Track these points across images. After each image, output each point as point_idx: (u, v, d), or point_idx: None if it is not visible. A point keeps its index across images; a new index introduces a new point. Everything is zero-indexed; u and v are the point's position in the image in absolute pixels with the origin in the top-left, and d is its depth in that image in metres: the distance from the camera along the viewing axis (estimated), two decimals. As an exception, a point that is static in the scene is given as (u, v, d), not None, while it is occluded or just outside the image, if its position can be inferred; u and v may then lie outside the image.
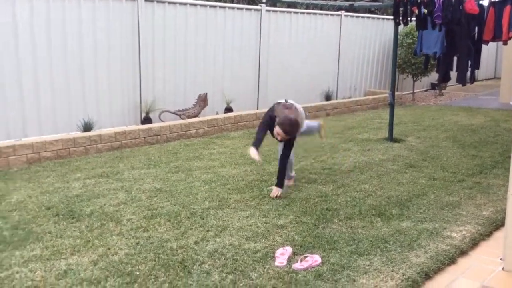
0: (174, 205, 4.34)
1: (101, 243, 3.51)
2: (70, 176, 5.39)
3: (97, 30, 7.65)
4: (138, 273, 3.04)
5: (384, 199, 4.55)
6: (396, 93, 7.87)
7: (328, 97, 11.18)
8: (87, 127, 7.56)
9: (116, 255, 3.31)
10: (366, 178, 5.22)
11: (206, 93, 8.75)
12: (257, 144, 4.56)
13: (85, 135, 6.78)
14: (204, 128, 7.97)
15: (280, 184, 4.62)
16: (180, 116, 8.41)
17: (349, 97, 11.61)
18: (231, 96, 9.35)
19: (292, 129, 4.44)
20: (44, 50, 7.14)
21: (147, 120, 8.27)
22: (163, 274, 3.03)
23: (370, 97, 11.39)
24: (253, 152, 4.49)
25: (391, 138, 7.27)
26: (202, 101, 8.65)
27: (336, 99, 11.24)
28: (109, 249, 3.40)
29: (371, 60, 12.55)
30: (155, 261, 3.21)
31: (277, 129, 4.44)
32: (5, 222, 3.93)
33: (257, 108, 9.67)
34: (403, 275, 3.06)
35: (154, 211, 4.17)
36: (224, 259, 3.26)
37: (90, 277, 2.98)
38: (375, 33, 12.46)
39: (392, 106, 7.40)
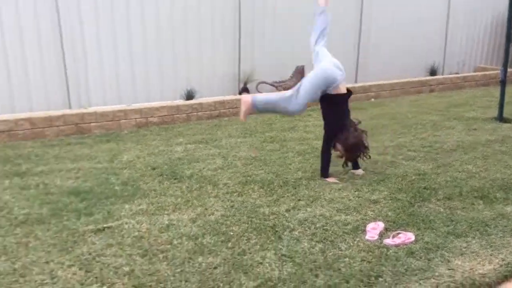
0: (268, 173, 4.46)
1: (200, 203, 3.74)
2: (173, 140, 5.74)
3: (201, 3, 7.92)
4: (232, 233, 3.21)
5: (488, 181, 4.28)
6: (509, 69, 7.25)
7: (433, 72, 10.59)
8: (189, 96, 7.93)
9: (212, 215, 3.51)
10: (469, 159, 4.93)
11: (303, 66, 8.71)
12: (326, 172, 4.33)
13: (187, 103, 7.14)
14: (300, 101, 7.99)
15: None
16: (276, 87, 8.50)
17: (456, 73, 10.90)
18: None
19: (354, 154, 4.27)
20: (152, 26, 7.57)
21: (244, 90, 8.47)
22: (255, 237, 3.16)
23: (480, 73, 10.61)
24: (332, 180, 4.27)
25: (500, 118, 6.74)
26: (299, 73, 8.64)
27: (442, 75, 10.62)
28: (206, 209, 3.62)
29: (482, 34, 11.62)
30: (248, 224, 3.36)
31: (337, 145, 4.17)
32: (117, 178, 4.32)
33: (355, 82, 9.47)
34: (502, 260, 2.90)
35: (248, 177, 4.32)
36: (314, 228, 3.31)
37: (189, 233, 3.21)
38: (487, 4, 11.47)
39: (503, 83, 6.83)
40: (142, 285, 2.58)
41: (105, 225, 3.30)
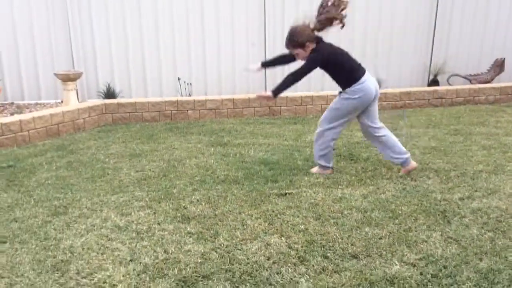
0: (446, 163, 4.44)
1: (372, 182, 3.99)
2: (354, 126, 5.97)
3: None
4: (400, 212, 3.40)
5: None
6: None
7: None
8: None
9: (383, 194, 3.73)
10: None
11: (504, 58, 8.08)
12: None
13: (372, 92, 7.32)
14: (495, 96, 7.47)
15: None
16: (470, 81, 8.08)
17: None
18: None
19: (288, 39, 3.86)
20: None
21: (434, 82, 8.26)
22: (423, 218, 3.30)
23: None
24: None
25: None
26: (498, 66, 8.04)
27: None
28: (378, 188, 3.85)
29: None
30: (417, 206, 3.49)
31: None
32: (300, 154, 4.82)
33: None
34: None
35: (425, 165, 4.39)
36: (487, 218, 3.28)
37: (359, 206, 3.50)
38: None
39: None
40: (313, 241, 2.98)
41: (287, 191, 3.80)
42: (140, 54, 7.70)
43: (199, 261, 2.76)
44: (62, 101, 7.20)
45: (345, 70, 3.93)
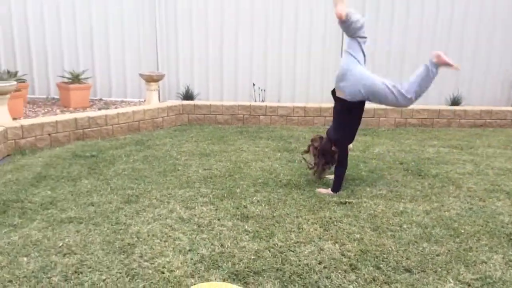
0: (522, 186, 4.22)
1: (437, 199, 3.89)
2: (427, 142, 5.88)
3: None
4: (462, 231, 3.29)
5: None
6: None
7: None
8: (455, 102, 7.80)
9: (447, 212, 3.63)
10: None
11: None
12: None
13: (450, 109, 7.08)
14: None
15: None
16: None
17: None
18: None
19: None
20: (420, 25, 7.72)
21: (520, 102, 7.80)
22: (486, 239, 3.18)
23: None
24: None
25: None
26: None
27: None
28: (442, 205, 3.75)
29: None
30: (482, 226, 3.37)
31: None
32: (365, 166, 4.80)
33: None
34: None
35: (496, 186, 4.20)
36: (559, 246, 3.09)
37: (420, 221, 3.44)
38: None
39: None
40: (367, 251, 2.99)
41: (347, 200, 3.82)
42: (219, 60, 8.02)
43: (252, 257, 2.87)
44: (144, 100, 7.68)
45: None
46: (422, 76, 3.80)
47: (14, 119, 5.68)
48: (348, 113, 3.95)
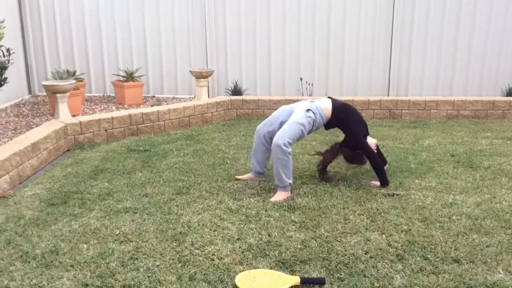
0: None
1: (489, 191, 3.80)
2: (480, 134, 5.71)
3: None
4: (515, 222, 3.22)
5: None
6: None
7: None
8: (510, 93, 7.50)
9: (499, 203, 3.55)
10: None
11: None
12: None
13: (505, 100, 6.83)
14: None
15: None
16: None
17: None
18: None
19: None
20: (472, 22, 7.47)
21: None
22: (541, 231, 3.09)
23: None
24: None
25: None
26: None
27: None
28: (494, 197, 3.67)
29: None
30: (536, 218, 3.27)
31: None
32: (414, 158, 4.74)
33: None
34: None
35: (554, 178, 4.05)
36: None
37: (470, 213, 3.38)
38: None
39: None
40: (415, 241, 2.98)
41: (395, 192, 3.80)
42: (266, 55, 8.10)
43: (299, 247, 2.94)
44: (194, 96, 7.89)
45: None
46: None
47: (73, 116, 6.01)
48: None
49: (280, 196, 3.74)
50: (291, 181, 3.79)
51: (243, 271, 2.65)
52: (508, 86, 7.54)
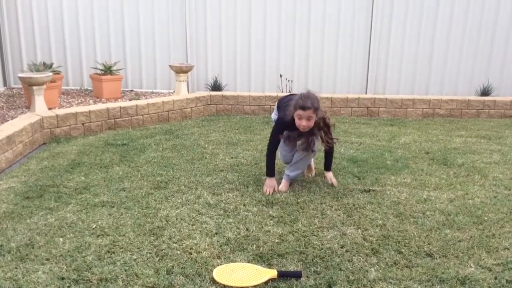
0: (550, 176, 4.18)
1: (462, 188, 3.90)
2: (455, 132, 5.84)
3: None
4: (486, 218, 3.31)
5: None
6: None
7: None
8: (485, 92, 7.68)
9: (471, 200, 3.64)
10: None
11: None
12: (272, 172, 3.83)
13: (479, 99, 6.99)
14: None
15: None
16: None
17: None
18: None
19: (311, 101, 3.46)
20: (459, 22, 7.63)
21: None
22: (509, 226, 3.18)
23: None
24: (270, 184, 3.80)
25: None
26: None
27: None
28: (467, 194, 3.76)
29: None
30: (506, 214, 3.37)
31: (296, 120, 3.53)
32: (391, 155, 4.82)
33: None
34: None
35: (524, 176, 4.17)
36: None
37: (443, 209, 3.47)
38: None
39: None
40: (389, 236, 3.04)
41: (371, 188, 3.86)
42: (247, 52, 8.12)
43: (276, 241, 2.97)
44: (174, 91, 7.85)
45: None
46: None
47: (50, 109, 5.92)
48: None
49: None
50: None
51: (221, 264, 2.67)
52: (482, 86, 7.72)
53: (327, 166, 4.00)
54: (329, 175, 3.98)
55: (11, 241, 2.88)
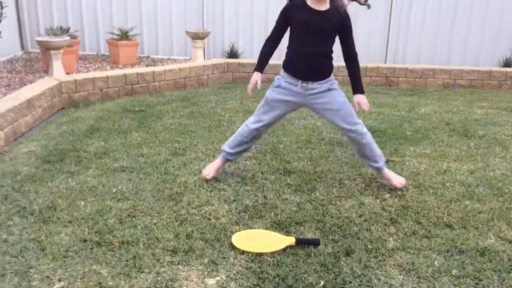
0: None
1: (482, 159, 3.85)
2: (476, 103, 5.74)
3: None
4: (506, 190, 3.27)
5: None
6: None
7: None
8: (507, 64, 7.49)
9: (492, 172, 3.60)
10: None
11: None
12: (259, 66, 3.42)
13: (501, 70, 6.83)
14: None
15: None
16: None
17: None
18: None
19: None
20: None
21: None
22: (532, 199, 3.15)
23: None
24: (252, 80, 3.41)
25: None
26: None
27: None
28: (487, 166, 3.72)
29: None
30: (528, 187, 3.33)
31: None
32: (410, 125, 4.76)
33: None
34: None
35: (547, 148, 4.10)
36: None
37: (463, 180, 3.43)
38: None
39: None
40: (408, 206, 3.03)
41: (389, 158, 3.83)
42: (263, 19, 7.97)
43: (294, 209, 2.98)
44: (190, 58, 7.79)
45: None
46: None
47: (67, 74, 5.93)
48: None
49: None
50: None
51: (239, 231, 2.69)
52: (505, 57, 7.52)
53: (357, 86, 3.25)
54: (361, 99, 3.25)
55: (33, 203, 2.94)
